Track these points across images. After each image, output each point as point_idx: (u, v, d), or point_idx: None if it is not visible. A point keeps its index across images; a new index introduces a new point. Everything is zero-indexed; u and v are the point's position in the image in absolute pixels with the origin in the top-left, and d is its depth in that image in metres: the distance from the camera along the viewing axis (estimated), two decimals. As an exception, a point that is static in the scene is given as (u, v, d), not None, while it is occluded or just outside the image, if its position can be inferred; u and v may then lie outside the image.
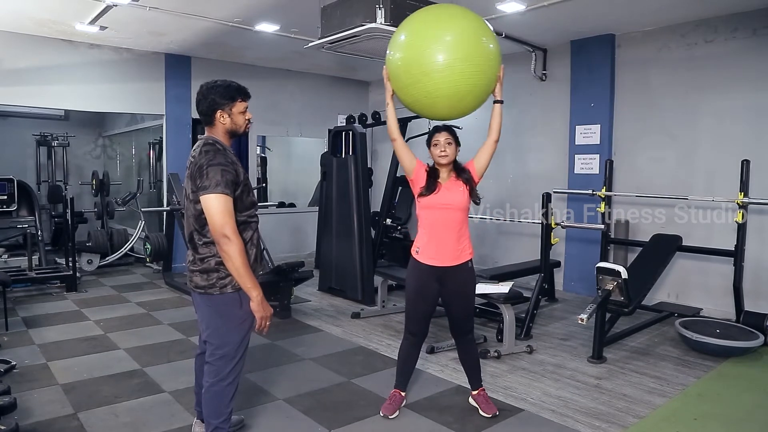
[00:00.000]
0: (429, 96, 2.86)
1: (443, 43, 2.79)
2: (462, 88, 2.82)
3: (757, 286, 5.20)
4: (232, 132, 2.65)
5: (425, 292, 3.17)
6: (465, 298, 3.24)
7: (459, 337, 3.34)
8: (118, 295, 6.29)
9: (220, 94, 2.56)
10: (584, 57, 6.42)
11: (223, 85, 2.60)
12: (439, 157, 3.12)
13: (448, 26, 2.87)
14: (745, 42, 5.33)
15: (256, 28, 6.06)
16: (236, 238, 2.40)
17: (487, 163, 3.19)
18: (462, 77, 2.78)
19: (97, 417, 3.24)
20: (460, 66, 2.77)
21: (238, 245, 2.40)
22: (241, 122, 2.65)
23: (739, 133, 5.39)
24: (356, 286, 6.05)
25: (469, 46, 2.82)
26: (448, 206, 3.11)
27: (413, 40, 2.91)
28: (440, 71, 2.76)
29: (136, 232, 7.83)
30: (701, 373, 4.03)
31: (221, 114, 2.58)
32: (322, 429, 3.14)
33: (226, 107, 2.58)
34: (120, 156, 10.89)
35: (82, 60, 6.85)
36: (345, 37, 4.16)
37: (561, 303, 6.10)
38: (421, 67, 2.80)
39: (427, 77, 2.79)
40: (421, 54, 2.81)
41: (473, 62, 2.80)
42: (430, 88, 2.82)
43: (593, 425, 3.21)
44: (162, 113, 7.54)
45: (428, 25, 2.93)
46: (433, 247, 3.12)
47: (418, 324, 3.25)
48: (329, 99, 8.96)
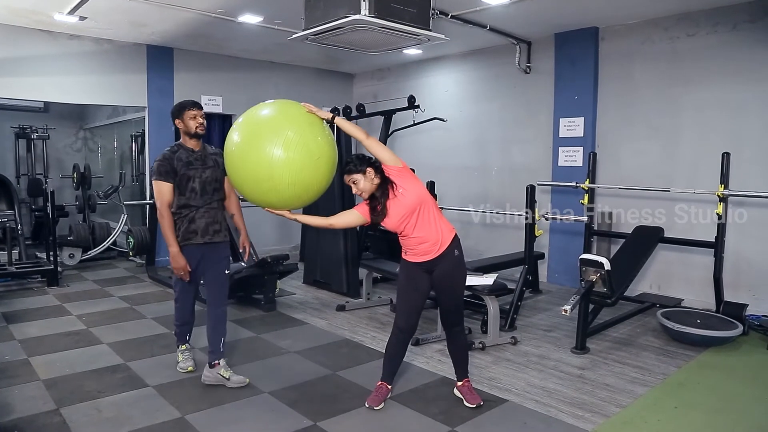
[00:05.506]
0: (281, 201, 2.88)
1: (251, 177, 2.81)
2: (296, 192, 2.82)
3: (736, 277, 5.28)
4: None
5: (417, 283, 3.20)
6: (454, 286, 3.25)
7: (449, 328, 3.36)
8: (100, 290, 6.23)
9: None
10: (568, 50, 6.45)
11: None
12: (359, 196, 3.12)
13: (251, 155, 2.81)
14: (725, 36, 5.39)
15: (239, 20, 6.00)
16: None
17: (381, 156, 3.05)
18: (284, 190, 2.78)
19: (79, 412, 3.21)
20: (268, 185, 2.78)
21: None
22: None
23: (719, 127, 5.45)
24: (341, 278, 6.04)
25: (269, 162, 2.73)
26: (406, 216, 3.06)
27: (236, 170, 2.91)
28: (266, 197, 2.85)
29: (118, 226, 7.74)
30: (682, 363, 4.09)
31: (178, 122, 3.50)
32: (308, 421, 3.14)
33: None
34: (102, 149, 10.75)
35: (61, 51, 6.73)
36: (329, 28, 4.12)
37: (545, 294, 6.15)
38: (254, 199, 2.90)
39: (262, 201, 2.90)
40: (245, 189, 2.89)
41: (280, 176, 2.75)
42: (272, 201, 2.88)
43: (576, 415, 3.25)
44: (144, 105, 7.44)
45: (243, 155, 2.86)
46: (417, 249, 3.15)
47: (408, 318, 3.25)
48: (313, 91, 8.90)
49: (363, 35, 4.25)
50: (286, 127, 2.77)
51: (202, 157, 3.53)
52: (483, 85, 7.30)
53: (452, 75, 7.84)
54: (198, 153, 3.53)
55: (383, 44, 4.59)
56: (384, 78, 8.88)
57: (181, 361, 3.86)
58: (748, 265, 5.28)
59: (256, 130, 2.82)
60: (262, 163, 2.72)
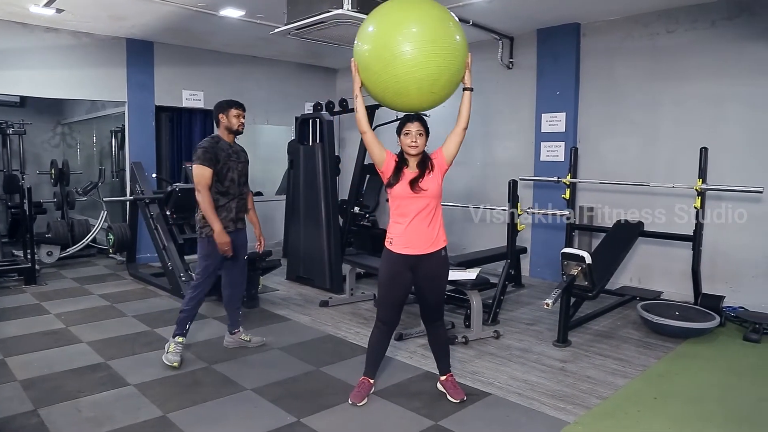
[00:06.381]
0: (399, 81, 2.83)
1: (411, 27, 2.79)
2: (432, 71, 2.81)
3: (713, 270, 5.37)
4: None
5: (398, 279, 3.17)
6: (437, 286, 3.25)
7: (430, 324, 3.36)
8: (80, 288, 6.14)
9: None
10: (550, 45, 6.48)
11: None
12: (409, 147, 3.08)
13: (415, 13, 2.87)
14: (704, 33, 5.46)
15: (220, 14, 5.93)
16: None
17: (455, 151, 3.19)
18: (431, 59, 2.78)
19: (58, 413, 3.16)
20: (430, 48, 2.77)
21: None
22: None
23: (698, 122, 5.53)
24: (324, 274, 6.03)
25: (436, 29, 2.82)
26: (419, 194, 3.09)
27: (381, 26, 2.89)
28: (409, 52, 2.75)
29: (98, 223, 7.63)
30: (661, 354, 4.16)
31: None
32: (291, 418, 3.13)
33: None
34: (80, 144, 10.58)
35: (38, 44, 6.60)
36: (311, 23, 4.11)
37: (527, 288, 6.20)
38: (390, 50, 2.79)
39: (397, 60, 2.78)
40: (390, 38, 2.81)
41: (442, 45, 2.80)
42: (399, 71, 2.80)
43: (558, 407, 3.28)
44: (124, 100, 7.33)
45: (395, 12, 2.92)
46: (407, 236, 3.10)
47: (390, 312, 3.25)
48: (296, 86, 8.86)
49: (346, 30, 4.24)
50: (460, 49, 2.96)
51: (237, 152, 3.98)
52: (465, 80, 7.36)
53: (435, 70, 7.81)
54: (234, 147, 3.96)
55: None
56: (367, 73, 8.82)
57: (170, 353, 3.85)
58: (725, 258, 5.37)
59: (432, 23, 2.86)
60: (425, 35, 2.80)
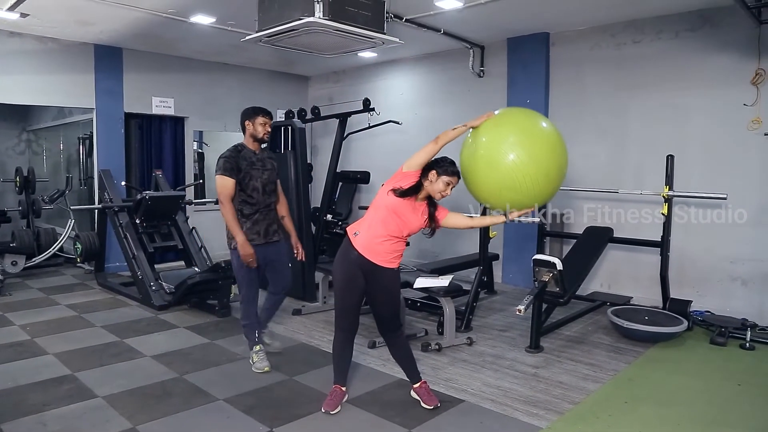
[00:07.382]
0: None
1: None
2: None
3: (681, 275, 5.48)
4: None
5: (352, 284, 3.19)
6: (390, 297, 3.27)
7: (388, 335, 3.36)
8: (46, 298, 5.98)
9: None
10: (520, 54, 6.57)
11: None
12: (440, 194, 3.20)
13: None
14: (669, 43, 5.60)
15: (191, 20, 5.87)
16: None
17: (451, 227, 3.41)
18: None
19: (23, 427, 3.07)
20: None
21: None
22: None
23: (664, 130, 5.65)
24: (297, 282, 5.98)
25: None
26: (404, 221, 3.15)
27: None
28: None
29: (65, 232, 7.46)
30: (631, 359, 4.22)
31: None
32: (264, 428, 3.09)
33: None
34: (47, 151, 10.34)
35: (1, 48, 6.45)
36: (283, 30, 4.09)
37: (500, 295, 6.25)
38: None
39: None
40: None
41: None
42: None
43: (531, 413, 3.31)
44: (92, 107, 7.20)
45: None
46: (372, 240, 3.13)
47: (347, 317, 3.25)
48: (268, 94, 8.80)
49: (317, 38, 4.23)
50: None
51: (262, 159, 3.92)
52: (437, 88, 7.37)
53: (407, 78, 7.88)
54: (259, 155, 3.91)
55: (338, 47, 4.58)
56: (339, 81, 8.86)
57: (256, 362, 3.94)
58: (692, 263, 5.50)
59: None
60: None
